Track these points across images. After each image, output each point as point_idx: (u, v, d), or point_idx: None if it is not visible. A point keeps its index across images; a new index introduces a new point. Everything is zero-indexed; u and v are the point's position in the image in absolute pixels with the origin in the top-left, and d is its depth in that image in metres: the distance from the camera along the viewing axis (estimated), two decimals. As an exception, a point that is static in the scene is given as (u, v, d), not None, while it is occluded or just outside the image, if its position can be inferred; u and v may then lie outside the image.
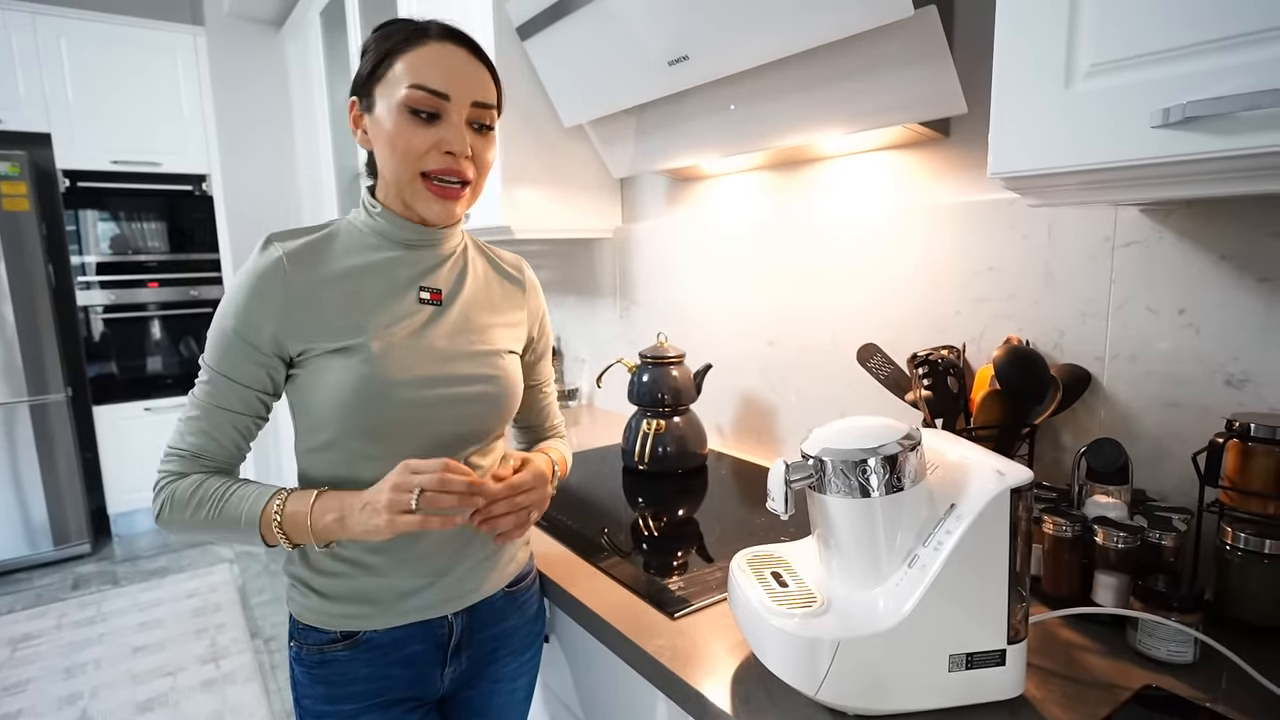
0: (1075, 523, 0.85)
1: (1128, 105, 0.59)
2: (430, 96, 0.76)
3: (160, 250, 3.41)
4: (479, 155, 0.81)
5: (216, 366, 0.77)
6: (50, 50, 3.07)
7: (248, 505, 0.76)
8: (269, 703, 2.14)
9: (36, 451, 3.06)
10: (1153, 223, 0.91)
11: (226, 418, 0.78)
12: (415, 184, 0.79)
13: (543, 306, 1.01)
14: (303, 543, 0.77)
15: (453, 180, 0.80)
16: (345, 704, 0.83)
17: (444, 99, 0.77)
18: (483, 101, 0.80)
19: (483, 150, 0.82)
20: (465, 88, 0.78)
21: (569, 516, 1.21)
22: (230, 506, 0.76)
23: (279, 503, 0.76)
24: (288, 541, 0.76)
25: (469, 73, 0.79)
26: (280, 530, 0.75)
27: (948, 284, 1.15)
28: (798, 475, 0.70)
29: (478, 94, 0.79)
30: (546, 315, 1.02)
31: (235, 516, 0.76)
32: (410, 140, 0.77)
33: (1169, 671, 0.73)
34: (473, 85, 0.79)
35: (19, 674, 2.31)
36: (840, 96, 1.12)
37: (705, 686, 0.73)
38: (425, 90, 0.76)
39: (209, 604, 2.75)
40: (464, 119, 0.79)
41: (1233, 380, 0.86)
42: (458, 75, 0.78)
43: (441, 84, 0.77)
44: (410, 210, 0.83)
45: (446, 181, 0.79)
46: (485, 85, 0.81)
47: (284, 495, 0.77)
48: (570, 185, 1.80)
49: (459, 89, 0.77)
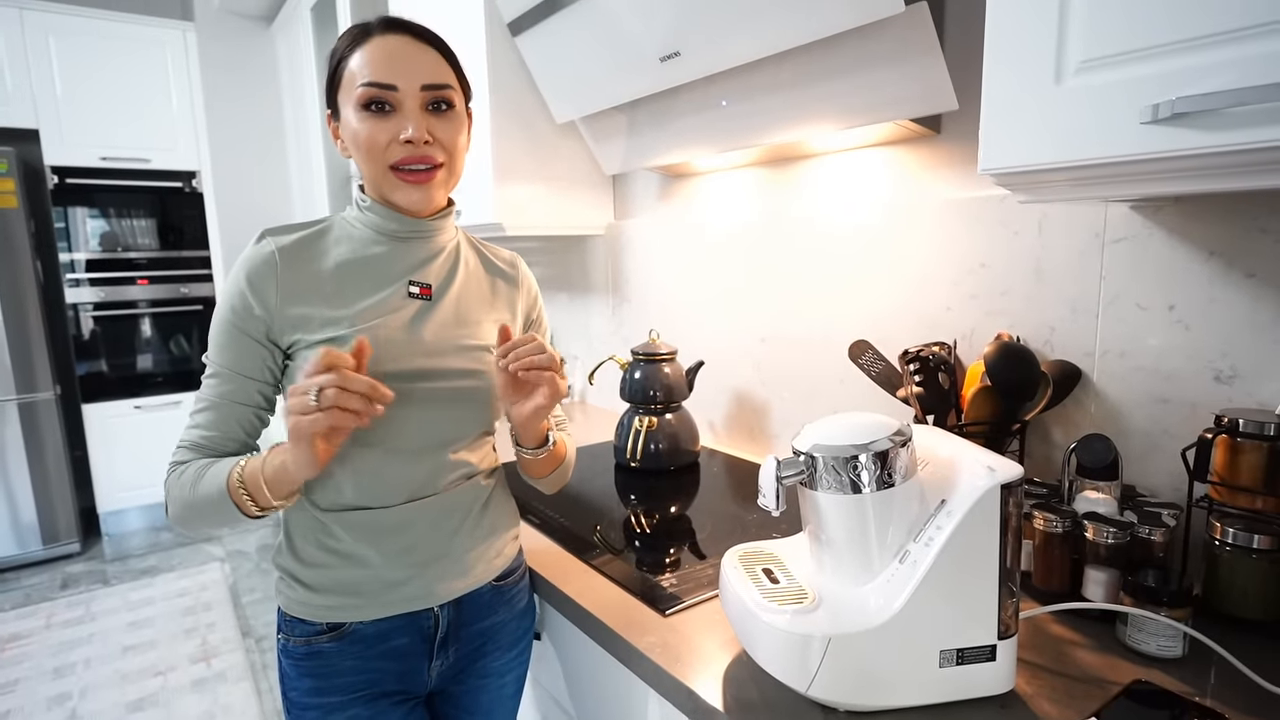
0: (1065, 518, 0.86)
1: (1117, 101, 0.59)
2: (378, 90, 0.77)
3: (150, 247, 3.38)
4: (442, 137, 0.80)
5: (217, 360, 0.79)
6: (38, 46, 3.05)
7: (219, 476, 0.75)
8: (260, 702, 2.13)
9: (25, 450, 3.04)
10: (1142, 219, 0.91)
11: (229, 410, 0.79)
12: (388, 178, 0.80)
13: (538, 301, 1.01)
14: (266, 505, 0.75)
15: (418, 166, 0.80)
16: (332, 696, 0.83)
17: (392, 90, 0.77)
18: (432, 83, 0.79)
19: (445, 131, 0.81)
20: (411, 74, 0.77)
21: (560, 513, 1.21)
22: (206, 482, 0.76)
23: (240, 465, 0.75)
24: (254, 504, 0.74)
25: (414, 58, 0.78)
26: (244, 490, 0.74)
27: (939, 280, 1.16)
28: (789, 472, 0.70)
29: (425, 77, 0.78)
30: (543, 309, 1.02)
31: (210, 490, 0.75)
32: (372, 136, 0.78)
33: (1158, 666, 0.74)
34: (418, 69, 0.78)
35: (7, 674, 2.29)
36: (832, 93, 1.12)
37: (697, 683, 0.73)
38: (372, 85, 0.76)
39: (199, 603, 2.74)
40: (419, 104, 0.78)
41: (1221, 376, 0.86)
42: (401, 63, 0.77)
43: (386, 75, 0.77)
44: (392, 204, 0.83)
45: (413, 169, 0.80)
46: (433, 67, 0.80)
47: (247, 458, 0.76)
48: (562, 182, 1.79)
49: (405, 76, 0.77)
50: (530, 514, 1.20)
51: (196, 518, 0.78)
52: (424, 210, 0.84)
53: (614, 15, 1.25)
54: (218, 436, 0.79)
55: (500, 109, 1.64)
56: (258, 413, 0.82)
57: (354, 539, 0.81)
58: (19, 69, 3.02)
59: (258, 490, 0.74)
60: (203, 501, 0.76)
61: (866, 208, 1.26)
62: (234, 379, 0.79)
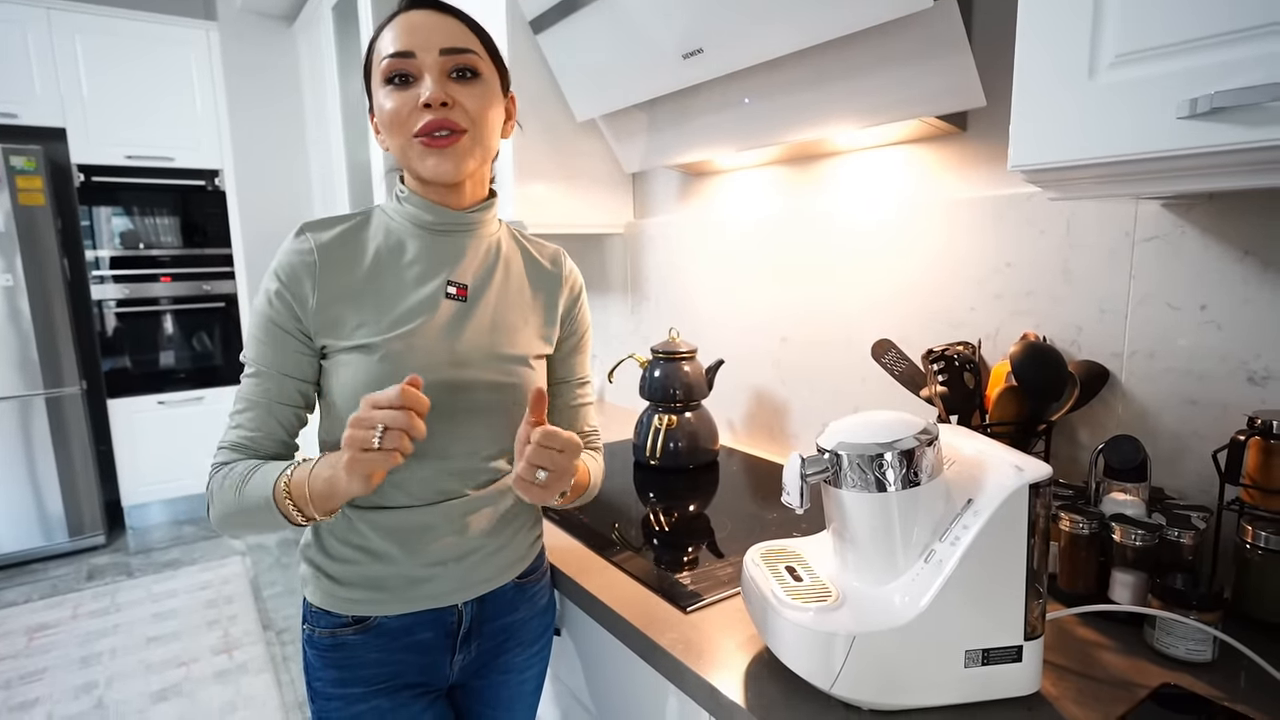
0: (1092, 520, 0.85)
1: (1153, 96, 0.59)
2: (397, 60, 0.76)
3: (173, 245, 3.43)
4: (465, 102, 0.77)
5: (257, 359, 0.79)
6: (65, 46, 3.10)
7: (266, 483, 0.75)
8: (281, 694, 2.15)
9: (52, 444, 3.09)
10: (1174, 217, 0.90)
11: (268, 409, 0.79)
12: (413, 147, 0.78)
13: (581, 298, 0.98)
14: (311, 517, 0.75)
15: (439, 132, 0.77)
16: (355, 687, 0.84)
17: (410, 57, 0.76)
18: (451, 47, 0.77)
19: (468, 98, 0.78)
20: (428, 39, 0.76)
21: (581, 510, 1.21)
22: (252, 487, 0.75)
23: (288, 474, 0.74)
24: (300, 515, 0.74)
25: (433, 25, 0.77)
26: (290, 501, 0.73)
27: (963, 280, 1.15)
28: (814, 469, 0.70)
29: (443, 41, 0.76)
30: (586, 307, 0.99)
31: (257, 498, 0.75)
32: (395, 108, 0.77)
33: (1187, 670, 0.73)
34: (437, 35, 0.76)
35: (35, 663, 2.34)
36: (856, 90, 1.11)
37: (718, 679, 0.73)
38: (391, 56, 0.76)
39: (221, 595, 2.77)
40: (440, 71, 0.76)
41: (1255, 377, 0.85)
42: (419, 31, 0.76)
43: (404, 44, 0.76)
44: (424, 186, 0.82)
45: (433, 134, 0.77)
46: (453, 32, 0.78)
47: (293, 466, 0.75)
48: (582, 180, 1.79)
49: (421, 42, 0.76)
50: (550, 511, 1.20)
51: (241, 525, 0.77)
52: (449, 180, 0.80)
53: (636, 12, 1.25)
54: (259, 436, 0.79)
55: (521, 107, 1.64)
56: (298, 412, 0.81)
57: (381, 537, 0.82)
58: (46, 68, 3.07)
59: (304, 502, 0.73)
60: (249, 508, 0.75)
61: (890, 206, 1.25)
62: (274, 378, 0.78)
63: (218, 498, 0.77)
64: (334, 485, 0.70)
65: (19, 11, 2.99)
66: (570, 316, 0.96)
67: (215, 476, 0.78)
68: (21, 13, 3.00)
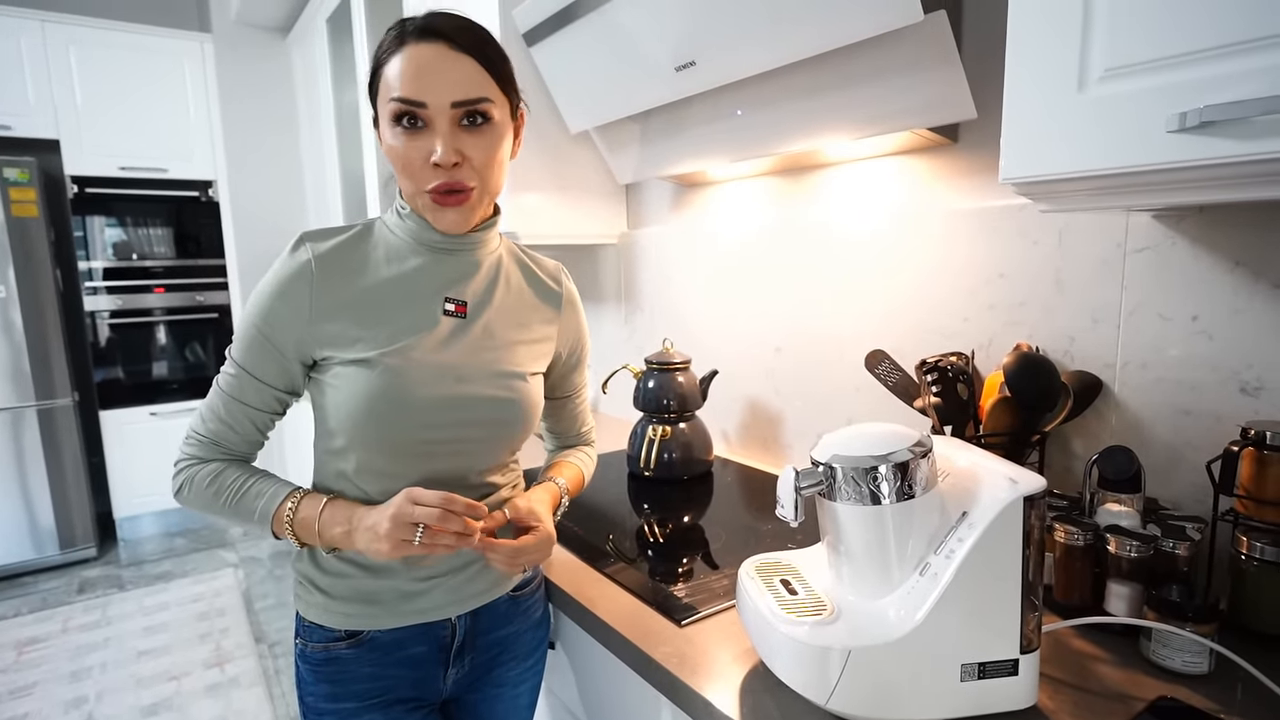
0: (1087, 531, 0.85)
1: (1142, 110, 0.59)
2: (407, 106, 0.74)
3: (166, 256, 3.42)
4: (473, 155, 0.76)
5: (241, 360, 0.79)
6: (59, 57, 3.10)
7: (263, 503, 0.79)
8: (273, 707, 2.13)
9: (43, 456, 3.07)
10: (1165, 228, 0.90)
11: (245, 411, 0.81)
12: (423, 198, 0.78)
13: (580, 320, 0.98)
14: (311, 545, 0.81)
15: (449, 190, 0.77)
16: (348, 701, 0.83)
17: (421, 106, 0.74)
18: (463, 100, 0.74)
19: (477, 149, 0.77)
20: (441, 90, 0.73)
21: (574, 523, 1.20)
22: (247, 499, 0.80)
23: (292, 506, 0.79)
24: (297, 541, 0.81)
25: (445, 72, 0.74)
26: (291, 531, 0.79)
27: (956, 291, 1.15)
28: (808, 482, 0.70)
29: (456, 93, 0.74)
30: (585, 327, 0.99)
31: (250, 510, 0.80)
32: (405, 154, 0.76)
33: (1183, 682, 0.72)
34: (449, 85, 0.74)
35: (25, 677, 2.31)
36: (848, 102, 1.11)
37: (713, 694, 0.72)
38: (402, 101, 0.74)
39: (213, 608, 2.75)
40: (450, 121, 0.75)
41: (1247, 388, 0.85)
42: (432, 78, 0.73)
43: (416, 91, 0.73)
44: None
45: (443, 193, 0.77)
46: (467, 80, 0.74)
47: (297, 498, 0.80)
48: (575, 191, 1.80)
49: (435, 93, 0.73)
50: (544, 523, 1.20)
51: (213, 515, 0.82)
52: (459, 231, 0.82)
53: (630, 26, 1.25)
54: (233, 436, 0.82)
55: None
56: (272, 416, 0.83)
57: None
58: (40, 79, 3.07)
59: (307, 534, 0.79)
60: (233, 511, 0.80)
61: (882, 217, 1.25)
62: (254, 383, 0.79)
63: (195, 489, 0.81)
64: (352, 542, 0.77)
65: (13, 23, 3.00)
66: (569, 340, 0.96)
67: (192, 468, 0.82)
68: (16, 24, 3.00)
